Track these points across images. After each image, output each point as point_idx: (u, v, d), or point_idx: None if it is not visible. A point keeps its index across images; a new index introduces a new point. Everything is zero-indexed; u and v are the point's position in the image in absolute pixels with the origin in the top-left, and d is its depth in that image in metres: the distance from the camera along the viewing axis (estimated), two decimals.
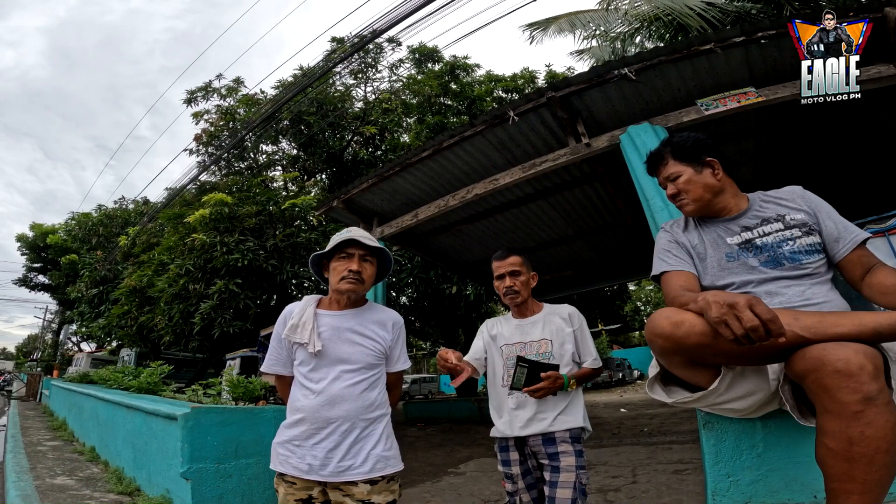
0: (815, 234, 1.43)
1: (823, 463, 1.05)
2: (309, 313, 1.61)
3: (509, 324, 2.03)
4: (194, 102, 12.98)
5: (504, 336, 1.99)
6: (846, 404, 0.98)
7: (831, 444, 1.01)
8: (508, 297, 1.96)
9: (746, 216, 1.52)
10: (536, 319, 1.98)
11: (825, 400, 1.03)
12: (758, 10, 6.74)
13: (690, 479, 3.72)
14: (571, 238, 6.62)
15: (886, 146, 4.55)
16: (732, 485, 1.66)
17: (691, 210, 1.57)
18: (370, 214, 5.25)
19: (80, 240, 16.31)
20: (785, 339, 1.01)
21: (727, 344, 1.05)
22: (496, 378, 1.97)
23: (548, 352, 1.88)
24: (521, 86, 13.62)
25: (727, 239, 1.51)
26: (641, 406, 10.98)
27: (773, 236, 1.45)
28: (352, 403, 1.52)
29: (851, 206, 4.23)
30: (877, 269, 1.33)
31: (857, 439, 0.97)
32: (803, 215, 1.46)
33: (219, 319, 7.63)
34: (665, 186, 1.63)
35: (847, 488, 0.99)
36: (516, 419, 1.84)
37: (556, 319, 1.95)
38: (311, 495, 1.49)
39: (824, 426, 1.04)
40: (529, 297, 2.00)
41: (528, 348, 1.92)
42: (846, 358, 1.00)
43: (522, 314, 2.00)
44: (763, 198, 1.57)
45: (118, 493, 3.82)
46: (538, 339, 1.93)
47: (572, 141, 3.68)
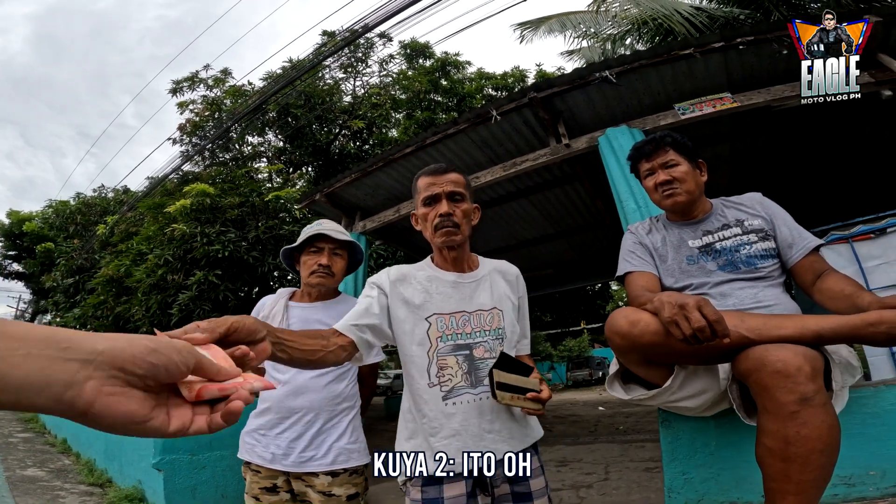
0: (770, 240, 1.49)
1: (762, 462, 1.08)
2: (280, 305, 1.63)
3: (438, 280, 1.29)
4: (180, 92, 12.75)
5: (433, 301, 1.25)
6: (783, 404, 1.01)
7: (769, 443, 1.04)
8: (442, 234, 1.25)
9: (709, 220, 1.59)
10: (480, 276, 1.32)
11: (764, 399, 1.06)
12: (745, 15, 6.86)
13: (659, 476, 3.77)
14: (552, 237, 6.68)
15: (858, 155, 4.70)
16: (686, 482, 1.69)
17: (682, 201, 1.56)
18: (353, 208, 5.24)
19: (57, 228, 15.93)
20: (730, 340, 1.05)
21: (678, 343, 1.08)
22: (417, 372, 1.22)
23: (499, 328, 1.26)
24: (511, 84, 13.63)
25: (689, 242, 1.57)
26: (619, 405, 11.13)
27: (731, 240, 1.51)
28: (316, 394, 1.54)
29: (820, 213, 4.36)
30: (827, 274, 1.38)
31: (792, 439, 1.00)
32: (760, 221, 1.52)
33: (197, 311, 7.53)
34: (652, 173, 1.61)
35: (783, 488, 1.02)
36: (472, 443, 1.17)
37: (500, 281, 1.34)
38: (275, 484, 1.51)
39: (763, 425, 1.07)
40: (468, 241, 1.34)
41: (475, 321, 1.25)
42: (784, 359, 1.03)
43: (459, 265, 1.32)
44: (725, 203, 1.64)
45: (89, 484, 3.78)
46: (488, 309, 1.27)
47: (553, 141, 3.72)
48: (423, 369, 1.21)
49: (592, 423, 8.11)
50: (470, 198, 1.33)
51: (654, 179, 1.61)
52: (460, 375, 1.20)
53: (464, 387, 1.19)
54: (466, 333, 1.23)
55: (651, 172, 1.62)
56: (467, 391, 1.19)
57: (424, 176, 1.32)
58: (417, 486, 1.18)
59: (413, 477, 1.19)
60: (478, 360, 1.21)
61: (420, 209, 1.32)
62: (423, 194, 1.30)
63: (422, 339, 1.22)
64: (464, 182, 1.32)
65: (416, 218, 1.35)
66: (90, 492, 3.66)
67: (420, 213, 1.32)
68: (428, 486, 1.16)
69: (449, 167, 1.33)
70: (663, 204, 1.62)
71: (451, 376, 1.20)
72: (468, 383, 1.20)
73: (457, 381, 1.20)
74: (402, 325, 1.23)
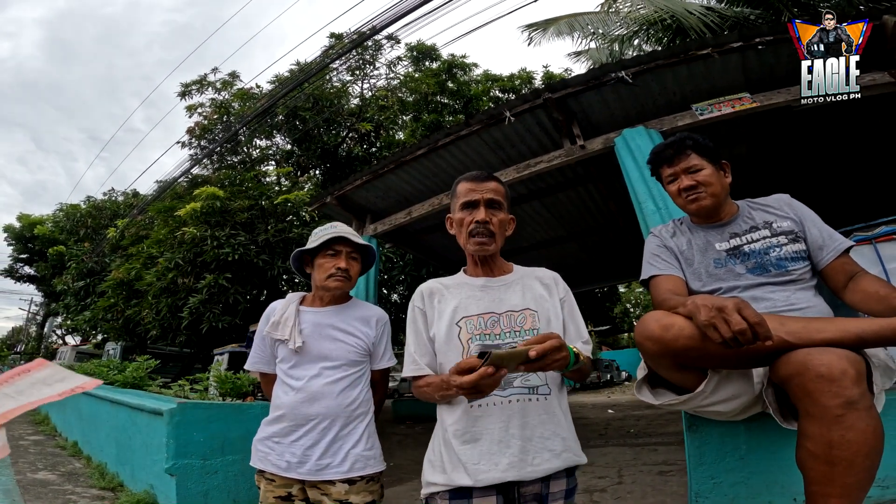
0: (800, 242, 1.47)
1: (804, 466, 1.06)
2: (291, 310, 1.60)
3: (467, 286, 1.31)
4: (188, 96, 12.86)
5: (462, 305, 1.26)
6: (828, 408, 0.99)
7: (812, 448, 1.03)
8: (476, 241, 1.27)
9: (735, 223, 1.56)
10: (511, 280, 1.32)
11: (807, 404, 1.04)
12: (756, 15, 6.80)
13: (675, 480, 3.74)
14: (564, 239, 6.64)
15: (878, 154, 4.61)
16: (715, 487, 1.67)
17: (708, 205, 1.54)
18: (363, 211, 5.22)
19: (68, 231, 16.08)
20: (772, 343, 1.02)
21: (715, 347, 1.06)
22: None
23: (534, 328, 1.23)
24: (518, 86, 13.63)
25: (716, 245, 1.54)
26: (629, 407, 11.04)
27: (760, 243, 1.48)
28: (332, 400, 1.51)
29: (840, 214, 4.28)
30: (860, 276, 1.36)
31: (837, 443, 0.98)
32: (790, 223, 1.50)
33: (207, 314, 7.57)
34: (675, 178, 1.58)
35: (826, 491, 1.00)
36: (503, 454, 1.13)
37: (535, 284, 1.33)
38: (290, 492, 1.48)
39: (806, 429, 1.05)
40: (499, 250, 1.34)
41: (504, 322, 1.24)
42: (829, 363, 1.01)
43: (489, 271, 1.34)
44: (751, 205, 1.61)
45: (101, 488, 3.77)
46: (520, 310, 1.26)
47: (567, 142, 3.68)
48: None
49: (602, 426, 8.03)
50: (508, 208, 1.34)
51: (677, 185, 1.58)
52: None
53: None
54: (495, 334, 1.22)
55: (674, 178, 1.59)
56: (495, 395, 1.16)
57: (465, 181, 1.33)
58: (445, 499, 1.15)
59: (439, 492, 1.16)
60: None
61: (457, 213, 1.33)
62: (462, 199, 1.31)
63: (455, 344, 1.23)
64: (503, 191, 1.33)
65: (451, 222, 1.37)
66: (101, 496, 3.65)
67: (457, 217, 1.33)
68: (456, 500, 1.13)
69: (490, 175, 1.34)
70: (688, 209, 1.59)
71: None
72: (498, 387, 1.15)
73: None
74: (440, 336, 1.25)
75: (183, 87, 12.88)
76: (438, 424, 1.26)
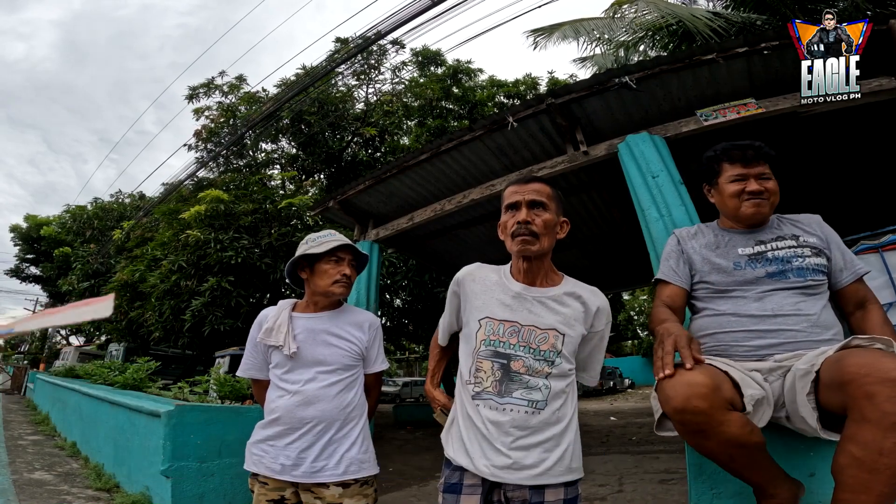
0: (822, 257, 1.51)
1: (842, 472, 1.05)
2: (284, 317, 1.61)
3: (502, 288, 1.29)
4: (196, 98, 12.96)
5: (490, 305, 1.26)
6: (888, 414, 0.99)
7: (858, 453, 1.01)
8: (518, 241, 1.24)
9: (763, 232, 1.59)
10: (553, 294, 1.26)
11: (865, 407, 1.03)
12: (763, 20, 6.78)
13: (676, 488, 3.69)
14: (566, 246, 6.59)
15: (885, 162, 4.56)
16: (715, 497, 1.64)
17: (766, 213, 1.57)
18: (366, 216, 5.21)
19: (74, 232, 16.21)
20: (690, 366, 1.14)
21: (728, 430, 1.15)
22: (463, 366, 1.30)
23: (553, 349, 1.20)
24: (522, 91, 13.65)
25: (738, 249, 1.57)
26: (631, 415, 10.96)
27: (784, 251, 1.52)
28: (327, 404, 1.51)
29: (847, 222, 4.23)
30: (869, 307, 1.48)
31: (888, 450, 0.98)
32: (816, 240, 1.55)
33: (210, 317, 7.58)
34: (743, 179, 1.57)
35: (859, 499, 1.00)
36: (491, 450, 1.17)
37: (573, 304, 1.25)
38: (283, 496, 1.48)
39: (855, 434, 1.04)
40: (549, 255, 1.30)
41: (523, 336, 1.21)
42: None
43: (531, 279, 1.28)
44: (781, 219, 1.65)
45: (97, 489, 3.76)
46: (544, 328, 1.21)
47: (570, 148, 3.66)
48: (466, 365, 1.28)
49: (604, 434, 7.97)
50: (556, 210, 1.30)
51: (742, 186, 1.56)
52: (490, 381, 1.21)
53: (491, 394, 1.20)
54: (510, 344, 1.22)
55: (742, 178, 1.57)
56: (492, 398, 1.20)
57: (511, 185, 1.34)
58: (440, 491, 1.26)
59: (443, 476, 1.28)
60: (514, 372, 1.20)
61: (502, 217, 1.34)
62: (506, 202, 1.32)
63: (470, 336, 1.28)
64: (548, 192, 1.30)
65: (500, 227, 1.36)
66: (97, 497, 3.64)
67: (501, 220, 1.34)
68: (448, 494, 1.22)
69: (535, 177, 1.35)
70: (744, 212, 1.56)
71: (481, 379, 1.22)
72: (496, 391, 1.20)
73: (486, 385, 1.22)
74: (466, 319, 1.33)
75: (190, 90, 13.00)
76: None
